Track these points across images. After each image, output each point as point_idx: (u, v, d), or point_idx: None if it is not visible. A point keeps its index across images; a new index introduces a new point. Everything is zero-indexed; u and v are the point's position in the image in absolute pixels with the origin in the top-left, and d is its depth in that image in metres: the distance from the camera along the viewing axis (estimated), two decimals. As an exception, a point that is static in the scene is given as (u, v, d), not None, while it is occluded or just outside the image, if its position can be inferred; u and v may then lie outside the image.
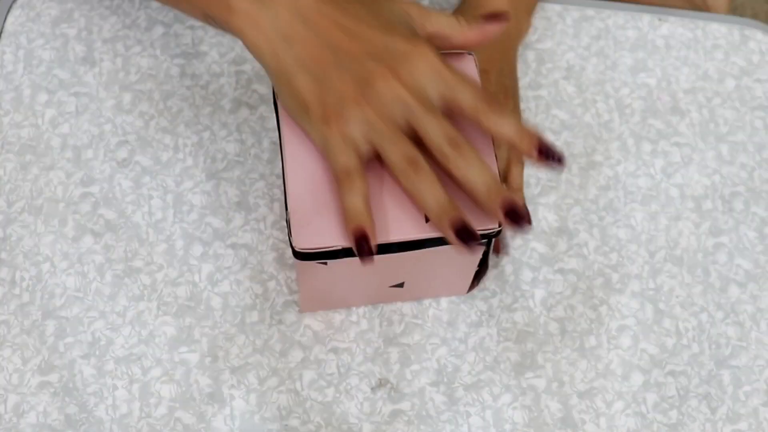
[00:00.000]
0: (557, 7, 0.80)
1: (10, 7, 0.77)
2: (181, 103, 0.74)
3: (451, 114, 0.57)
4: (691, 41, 0.79)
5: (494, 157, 0.57)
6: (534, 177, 0.73)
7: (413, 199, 0.54)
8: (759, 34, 0.80)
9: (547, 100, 0.76)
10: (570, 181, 0.73)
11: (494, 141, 0.66)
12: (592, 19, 0.79)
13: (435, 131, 0.52)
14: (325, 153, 0.54)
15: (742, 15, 1.66)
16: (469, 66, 0.59)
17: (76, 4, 0.77)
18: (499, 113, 0.53)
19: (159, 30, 0.77)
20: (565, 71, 0.77)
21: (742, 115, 0.77)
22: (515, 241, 0.70)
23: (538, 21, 0.79)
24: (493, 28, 0.57)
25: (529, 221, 0.52)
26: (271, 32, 0.53)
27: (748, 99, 0.77)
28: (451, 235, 0.53)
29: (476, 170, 0.52)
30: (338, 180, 0.53)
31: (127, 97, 0.74)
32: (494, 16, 0.57)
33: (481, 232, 0.55)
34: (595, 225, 0.71)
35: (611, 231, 0.71)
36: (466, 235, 0.53)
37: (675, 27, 0.80)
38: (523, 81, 0.77)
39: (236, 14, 0.53)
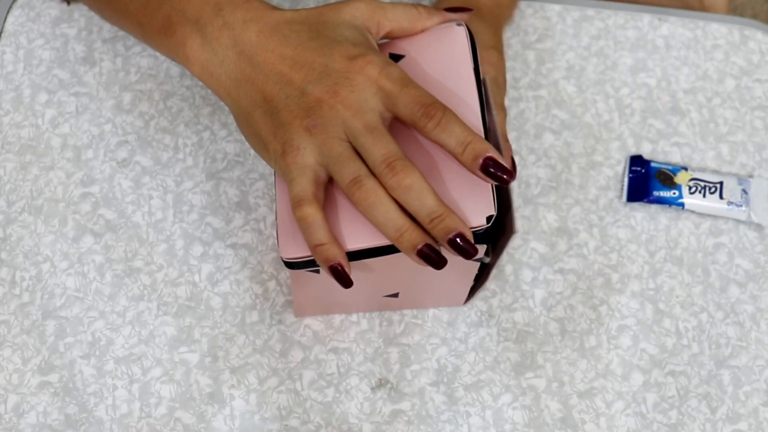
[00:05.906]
0: (557, 7, 0.80)
1: (10, 7, 0.77)
2: (181, 103, 0.74)
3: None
4: (691, 41, 0.79)
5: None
6: (534, 177, 0.73)
7: (365, 218, 0.53)
8: (759, 34, 0.80)
9: (547, 100, 0.76)
10: (570, 181, 0.73)
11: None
12: (592, 19, 0.79)
13: (370, 152, 0.51)
14: (286, 184, 0.54)
15: (742, 15, 1.66)
16: (459, 38, 0.57)
17: (76, 5, 0.77)
18: (438, 122, 0.52)
19: (159, 30, 0.77)
20: (565, 71, 0.77)
21: (742, 115, 0.77)
22: (514, 241, 0.70)
23: (538, 21, 0.79)
24: (454, 17, 0.57)
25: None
26: (223, 77, 0.54)
27: (748, 99, 0.77)
28: (413, 257, 0.52)
29: (413, 195, 0.51)
30: (292, 210, 0.53)
31: (127, 97, 0.74)
32: (457, 9, 0.58)
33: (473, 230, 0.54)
34: (595, 225, 0.71)
35: (611, 231, 0.71)
36: (428, 256, 0.52)
37: (675, 27, 0.80)
38: (523, 81, 0.77)
39: (192, 64, 0.54)
